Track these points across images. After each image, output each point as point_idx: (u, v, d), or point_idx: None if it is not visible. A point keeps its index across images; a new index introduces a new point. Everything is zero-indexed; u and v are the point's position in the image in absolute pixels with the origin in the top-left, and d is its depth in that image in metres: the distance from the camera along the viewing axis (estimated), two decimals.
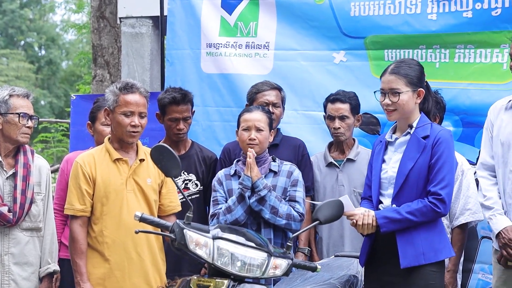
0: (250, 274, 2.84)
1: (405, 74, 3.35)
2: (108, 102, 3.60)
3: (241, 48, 5.11)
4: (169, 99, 4.19)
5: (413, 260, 3.21)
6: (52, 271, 3.63)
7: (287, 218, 3.67)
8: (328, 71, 4.86)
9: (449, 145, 3.28)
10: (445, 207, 3.22)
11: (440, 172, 3.23)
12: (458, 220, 3.96)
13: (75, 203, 3.55)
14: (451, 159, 3.27)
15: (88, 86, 10.51)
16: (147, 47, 5.47)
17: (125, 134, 3.56)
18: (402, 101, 3.34)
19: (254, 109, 3.85)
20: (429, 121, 3.39)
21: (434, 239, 3.25)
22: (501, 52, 4.33)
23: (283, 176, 3.78)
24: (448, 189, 3.23)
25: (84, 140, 4.53)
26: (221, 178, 3.85)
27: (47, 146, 11.13)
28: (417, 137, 3.31)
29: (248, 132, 3.75)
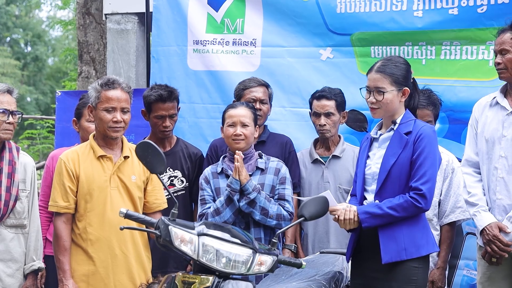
0: (235, 270, 2.83)
1: (391, 73, 3.35)
2: (91, 98, 3.60)
3: (228, 45, 5.11)
4: (155, 97, 4.18)
5: (394, 256, 3.21)
6: (36, 268, 3.61)
7: (277, 218, 3.67)
8: (315, 67, 4.86)
9: (431, 141, 3.27)
10: (426, 202, 3.22)
11: (421, 167, 3.23)
12: (448, 218, 3.98)
13: (59, 200, 3.55)
14: (433, 154, 3.27)
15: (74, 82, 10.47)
16: (132, 43, 5.44)
17: (107, 130, 3.56)
18: (386, 100, 3.35)
19: (238, 104, 3.84)
20: (413, 118, 3.38)
21: (416, 234, 3.25)
22: (487, 49, 4.35)
23: (271, 173, 3.77)
24: (429, 184, 3.23)
25: (69, 136, 4.51)
26: (208, 176, 3.83)
27: (33, 143, 11.06)
28: (400, 133, 3.32)
29: (233, 128, 3.74)
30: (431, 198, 3.25)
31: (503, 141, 3.58)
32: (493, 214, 3.58)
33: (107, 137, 3.59)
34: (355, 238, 3.38)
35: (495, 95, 3.70)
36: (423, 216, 3.31)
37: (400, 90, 3.35)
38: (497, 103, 3.67)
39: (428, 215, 3.92)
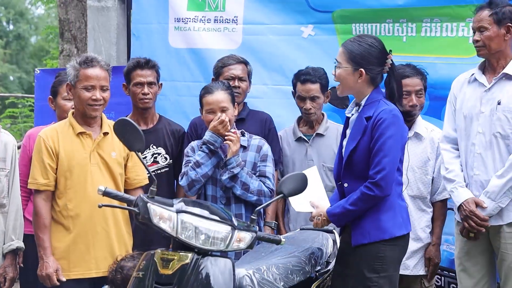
0: (214, 247, 2.84)
1: (350, 49, 3.26)
2: (70, 77, 3.59)
3: (210, 22, 5.08)
4: (134, 63, 4.23)
5: (361, 238, 3.22)
6: (15, 247, 3.60)
7: (258, 194, 3.68)
8: (296, 45, 4.85)
9: (389, 126, 3.14)
10: (382, 190, 3.14)
11: (376, 156, 3.15)
12: (441, 195, 3.99)
13: (38, 178, 3.54)
14: (390, 141, 3.14)
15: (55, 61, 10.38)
16: (113, 21, 5.38)
17: (87, 108, 3.56)
18: (339, 76, 3.29)
19: (214, 88, 3.76)
20: (378, 98, 3.25)
21: (380, 218, 3.21)
22: (466, 26, 4.35)
23: (253, 151, 3.78)
24: (383, 172, 3.13)
25: (48, 115, 4.48)
26: (194, 146, 3.83)
27: (15, 122, 10.98)
28: (361, 118, 3.24)
29: (213, 115, 3.71)
30: (388, 185, 3.15)
31: (481, 117, 3.61)
32: (471, 190, 3.63)
33: (86, 115, 3.58)
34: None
35: (473, 72, 3.73)
36: (390, 199, 3.23)
37: (357, 70, 3.25)
38: (475, 79, 3.70)
39: (422, 193, 4.00)
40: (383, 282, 3.20)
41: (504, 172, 3.51)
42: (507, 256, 3.55)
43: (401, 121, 3.23)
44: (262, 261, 3.18)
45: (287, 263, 3.19)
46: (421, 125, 4.06)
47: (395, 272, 3.28)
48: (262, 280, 2.98)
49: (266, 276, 3.01)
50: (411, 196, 3.99)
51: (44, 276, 3.48)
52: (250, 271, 2.98)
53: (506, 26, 3.55)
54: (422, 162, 3.99)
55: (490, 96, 3.60)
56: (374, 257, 3.21)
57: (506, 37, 3.57)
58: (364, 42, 3.26)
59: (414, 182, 3.99)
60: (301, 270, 3.23)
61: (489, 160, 3.58)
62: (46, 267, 3.47)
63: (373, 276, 3.19)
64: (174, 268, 2.78)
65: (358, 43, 3.27)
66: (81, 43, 6.67)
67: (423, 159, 3.99)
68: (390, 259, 3.23)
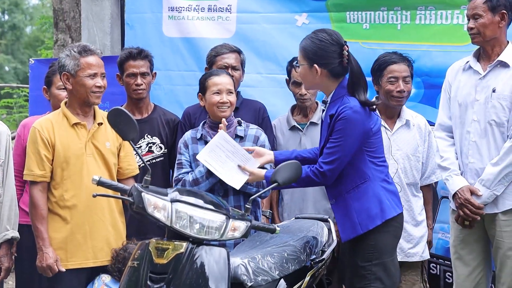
0: (208, 236, 2.84)
1: (303, 47, 3.29)
2: (68, 66, 3.57)
3: (204, 11, 5.07)
4: (126, 54, 4.22)
5: (351, 232, 3.23)
6: (10, 237, 3.60)
7: (257, 185, 3.65)
8: (290, 33, 4.84)
9: (348, 122, 3.14)
10: (326, 180, 3.19)
11: (330, 147, 3.18)
12: (429, 179, 4.05)
13: (34, 169, 3.53)
14: (347, 137, 3.16)
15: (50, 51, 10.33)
16: (107, 10, 5.36)
17: (90, 96, 3.56)
18: (300, 74, 3.34)
19: (220, 72, 3.79)
20: (342, 94, 3.24)
21: (367, 206, 3.22)
22: (461, 13, 4.35)
23: (249, 141, 3.74)
24: (333, 164, 3.17)
25: (43, 105, 4.47)
26: (187, 140, 3.80)
27: (10, 112, 10.95)
28: (327, 116, 3.26)
29: (219, 96, 3.68)
30: (333, 176, 3.19)
31: (475, 105, 3.61)
32: (466, 178, 3.63)
33: (88, 103, 3.58)
34: None
35: (468, 60, 3.72)
36: (372, 185, 3.24)
37: (312, 66, 3.24)
38: (470, 67, 3.69)
39: (416, 180, 4.04)
40: (376, 270, 3.22)
41: (499, 160, 3.51)
42: (502, 244, 3.56)
43: (362, 118, 3.20)
44: (257, 250, 3.18)
45: (282, 252, 3.19)
46: (408, 113, 4.09)
47: (390, 258, 3.29)
48: (257, 269, 2.98)
49: (261, 265, 3.01)
50: (407, 183, 4.02)
51: (45, 267, 3.48)
52: (245, 260, 2.98)
53: (501, 13, 3.54)
54: (414, 149, 4.03)
55: (485, 84, 3.60)
56: (365, 246, 3.23)
57: (500, 24, 3.56)
58: (316, 38, 3.26)
59: (409, 170, 4.01)
60: (296, 258, 3.23)
61: (484, 148, 3.58)
62: (46, 258, 3.47)
63: (366, 265, 3.22)
64: (169, 257, 2.78)
65: (310, 40, 3.28)
66: (76, 33, 6.62)
67: (414, 145, 4.03)
68: (382, 246, 3.25)
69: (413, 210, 4.01)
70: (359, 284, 3.24)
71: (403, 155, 4.00)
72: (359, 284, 3.24)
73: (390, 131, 4.03)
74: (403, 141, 4.02)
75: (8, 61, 21.92)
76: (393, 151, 4.02)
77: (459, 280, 3.73)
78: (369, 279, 3.22)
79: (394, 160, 3.99)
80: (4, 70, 21.61)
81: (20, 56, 22.75)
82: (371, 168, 3.25)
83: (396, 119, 4.06)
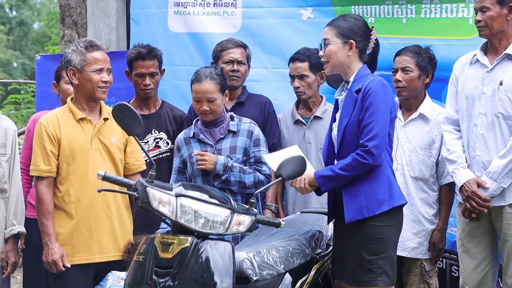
0: (213, 230, 2.85)
1: (337, 25, 3.33)
2: (74, 61, 3.57)
3: (209, 6, 5.08)
4: (135, 54, 4.20)
5: (356, 214, 3.20)
6: (16, 232, 3.62)
7: (255, 186, 3.65)
8: (296, 28, 4.84)
9: (377, 95, 3.18)
10: (374, 158, 3.15)
11: (367, 124, 3.17)
12: (446, 179, 3.95)
13: (40, 164, 3.54)
14: (381, 108, 3.18)
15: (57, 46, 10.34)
16: (112, 6, 5.37)
17: (96, 91, 3.56)
18: (329, 52, 3.32)
19: (203, 77, 3.70)
20: (366, 73, 3.31)
21: (377, 190, 3.21)
22: (466, 6, 4.34)
23: (243, 135, 3.74)
24: (375, 140, 3.15)
25: (49, 100, 4.50)
26: (180, 143, 3.81)
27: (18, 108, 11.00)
28: (351, 92, 3.28)
29: (199, 104, 3.69)
30: (380, 153, 3.18)
31: (483, 98, 3.60)
32: (473, 171, 3.62)
33: (94, 98, 3.59)
34: (332, 198, 3.40)
35: (475, 53, 3.71)
36: (384, 170, 3.25)
37: (346, 43, 3.30)
38: (477, 60, 3.68)
39: (424, 175, 3.97)
40: (383, 263, 3.21)
41: (506, 152, 3.50)
42: (509, 237, 3.55)
43: (390, 92, 3.27)
44: (262, 244, 3.18)
45: (288, 246, 3.20)
46: (429, 106, 4.02)
47: (394, 251, 3.30)
48: (262, 263, 2.99)
49: (266, 259, 3.02)
50: (412, 177, 3.97)
51: (50, 262, 3.48)
52: (250, 254, 2.99)
53: (509, 6, 3.53)
54: (426, 143, 3.97)
55: (492, 77, 3.59)
56: (372, 239, 3.21)
57: (508, 17, 3.55)
58: (350, 18, 3.38)
59: (416, 164, 3.98)
60: (301, 253, 3.24)
61: (491, 140, 3.57)
62: (51, 253, 3.47)
63: (373, 258, 3.20)
64: (174, 251, 2.79)
65: (343, 19, 3.37)
66: (82, 28, 6.63)
67: (427, 141, 3.97)
68: (388, 239, 3.24)
69: (414, 205, 3.95)
70: (365, 278, 3.22)
71: (410, 147, 3.98)
72: (364, 277, 3.22)
73: (402, 122, 4.02)
74: (413, 134, 3.98)
75: (16, 57, 22.00)
76: (402, 142, 4.00)
77: (465, 273, 3.72)
78: (375, 273, 3.21)
79: (401, 151, 3.97)
80: (12, 66, 21.68)
81: (28, 52, 22.81)
82: (385, 155, 3.25)
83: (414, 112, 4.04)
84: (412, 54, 3.96)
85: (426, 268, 3.98)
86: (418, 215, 3.97)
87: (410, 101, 4.03)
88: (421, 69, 3.95)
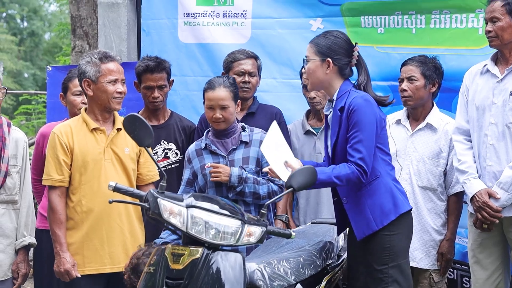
0: (224, 242, 2.84)
1: (316, 42, 3.33)
2: (88, 73, 3.58)
3: (219, 17, 5.10)
4: (143, 67, 4.22)
5: (366, 229, 3.21)
6: (27, 243, 3.63)
7: (268, 196, 3.64)
8: (305, 38, 4.75)
9: (361, 111, 3.17)
10: (366, 177, 3.18)
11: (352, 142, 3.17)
12: (454, 189, 3.95)
13: (53, 174, 3.56)
14: (365, 126, 3.17)
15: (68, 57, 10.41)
16: (123, 17, 5.40)
17: (111, 102, 3.59)
18: (309, 69, 3.34)
19: (217, 84, 3.70)
20: (348, 89, 3.29)
21: (380, 202, 3.22)
22: (476, 17, 4.33)
23: (255, 146, 3.73)
24: (366, 160, 3.15)
25: (60, 111, 4.51)
26: (191, 155, 3.79)
27: (29, 118, 11.05)
28: (336, 111, 3.27)
29: (212, 111, 3.68)
30: (368, 170, 3.18)
31: (493, 108, 3.60)
32: (484, 181, 3.61)
33: (109, 109, 3.61)
34: (339, 211, 3.40)
35: (485, 63, 3.71)
36: (384, 181, 3.25)
37: (324, 61, 3.29)
38: (488, 70, 3.68)
39: (432, 185, 3.97)
40: (393, 272, 3.22)
41: None
42: None
43: (373, 106, 3.25)
44: (273, 255, 3.18)
45: (298, 257, 3.19)
46: (436, 116, 4.02)
47: (404, 259, 3.29)
48: (273, 274, 2.99)
49: (277, 270, 3.02)
50: (420, 187, 3.98)
51: (62, 271, 3.49)
52: (261, 265, 2.99)
53: None
54: (433, 153, 3.97)
55: (503, 87, 3.58)
56: (381, 249, 3.22)
57: None
58: (330, 35, 3.35)
59: (424, 173, 3.97)
60: (312, 263, 3.23)
61: (502, 150, 3.56)
62: (63, 263, 3.48)
63: (383, 268, 3.21)
64: (185, 263, 2.79)
65: (323, 37, 3.35)
66: (93, 39, 6.68)
67: (435, 150, 3.97)
68: (396, 248, 3.24)
69: (421, 215, 3.95)
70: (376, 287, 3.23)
71: (418, 157, 3.98)
72: (375, 287, 3.23)
73: (410, 132, 4.02)
74: (421, 144, 3.98)
75: (27, 67, 22.15)
76: (410, 152, 3.99)
77: (477, 284, 3.71)
78: (386, 282, 3.22)
79: (409, 161, 3.97)
80: (23, 77, 21.82)
81: (39, 63, 22.97)
82: (382, 165, 3.26)
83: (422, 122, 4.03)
84: (418, 64, 3.97)
85: (434, 279, 3.97)
86: (426, 225, 3.97)
87: (417, 111, 4.03)
88: (426, 78, 3.96)
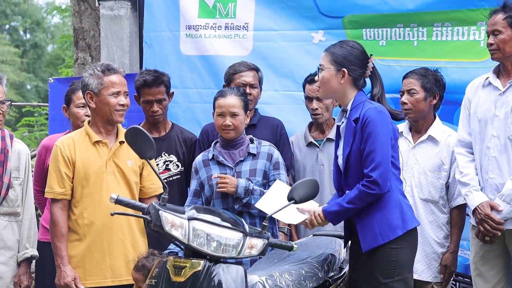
0: (226, 254, 2.84)
1: (332, 52, 3.32)
2: (91, 85, 3.59)
3: (221, 29, 5.11)
4: (141, 82, 4.21)
5: (372, 242, 3.19)
6: (29, 256, 3.63)
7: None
8: (307, 51, 4.86)
9: (376, 123, 3.17)
10: (380, 187, 3.14)
11: (369, 153, 3.16)
12: (456, 201, 3.94)
13: (55, 186, 3.56)
14: (380, 137, 3.17)
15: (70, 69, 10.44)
16: (126, 29, 5.43)
17: (114, 114, 3.59)
18: (323, 78, 3.32)
19: (228, 93, 3.77)
20: (362, 100, 3.28)
21: (389, 216, 3.20)
22: (478, 29, 4.35)
23: (263, 158, 3.75)
24: (379, 169, 3.13)
25: (62, 123, 4.52)
26: (198, 165, 3.81)
27: (31, 130, 11.07)
28: (350, 121, 3.27)
29: (222, 118, 3.70)
30: (385, 182, 3.16)
31: (495, 120, 3.60)
32: (486, 193, 3.61)
33: (111, 121, 3.61)
34: (346, 225, 3.39)
35: (487, 76, 3.72)
36: (394, 195, 3.23)
37: (339, 70, 3.29)
38: (490, 83, 3.69)
39: (434, 197, 3.96)
40: (398, 286, 3.20)
41: None
42: None
43: (388, 117, 3.25)
44: (275, 268, 3.17)
45: (300, 269, 3.18)
46: (438, 129, 4.03)
47: (409, 274, 3.27)
48: (274, 286, 2.98)
49: (279, 283, 3.01)
50: (422, 199, 3.98)
51: (63, 285, 3.48)
52: (263, 278, 2.97)
53: None
54: (435, 166, 3.96)
55: (505, 100, 3.59)
56: (387, 262, 3.20)
57: None
58: (346, 45, 3.34)
59: (425, 186, 3.97)
60: (314, 276, 3.22)
61: (504, 163, 3.56)
62: (64, 276, 3.48)
63: (388, 281, 3.19)
64: (187, 275, 2.78)
65: (339, 46, 3.34)
66: (96, 51, 6.71)
67: (436, 163, 3.97)
68: (402, 262, 3.22)
69: (423, 227, 3.91)
70: None
71: (419, 169, 3.98)
72: None
73: (412, 144, 4.02)
74: (422, 156, 3.98)
75: (29, 79, 22.18)
76: (411, 164, 3.99)
77: None
78: None
79: (410, 173, 3.97)
80: (26, 89, 21.86)
81: (42, 75, 23.01)
82: (392, 179, 3.24)
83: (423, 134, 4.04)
84: (418, 76, 3.98)
85: None
86: (428, 237, 3.96)
87: (419, 123, 4.03)
88: (426, 91, 3.96)
